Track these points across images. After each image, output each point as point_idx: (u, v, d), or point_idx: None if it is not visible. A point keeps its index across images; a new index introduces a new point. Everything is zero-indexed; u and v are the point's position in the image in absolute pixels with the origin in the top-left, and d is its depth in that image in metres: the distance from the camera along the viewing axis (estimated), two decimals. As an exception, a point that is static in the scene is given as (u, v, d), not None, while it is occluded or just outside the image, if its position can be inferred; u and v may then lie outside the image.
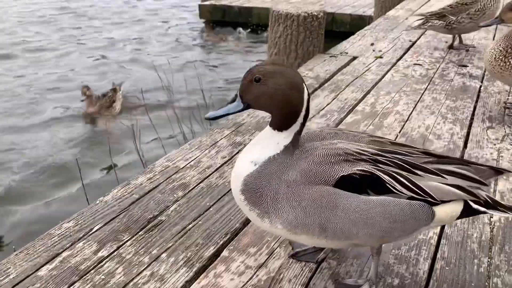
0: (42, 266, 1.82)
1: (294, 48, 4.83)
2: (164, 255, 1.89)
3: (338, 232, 1.48)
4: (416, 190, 1.46)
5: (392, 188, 1.45)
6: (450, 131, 3.06)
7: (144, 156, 4.58)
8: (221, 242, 1.97)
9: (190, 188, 2.39)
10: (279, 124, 1.50)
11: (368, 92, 3.77)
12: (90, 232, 2.02)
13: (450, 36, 5.14)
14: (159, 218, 2.13)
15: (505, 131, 3.06)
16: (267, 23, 10.44)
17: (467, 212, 1.56)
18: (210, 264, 1.85)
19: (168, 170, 2.57)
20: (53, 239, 1.98)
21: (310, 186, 1.44)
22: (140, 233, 2.02)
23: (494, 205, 1.56)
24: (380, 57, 4.74)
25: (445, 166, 1.52)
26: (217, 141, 2.93)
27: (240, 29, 10.50)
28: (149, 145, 5.44)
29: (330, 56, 4.81)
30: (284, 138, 1.50)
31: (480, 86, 3.93)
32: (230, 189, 2.32)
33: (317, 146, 1.52)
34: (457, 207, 1.54)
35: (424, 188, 1.47)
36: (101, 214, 2.15)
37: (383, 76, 4.14)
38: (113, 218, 2.12)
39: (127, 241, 1.97)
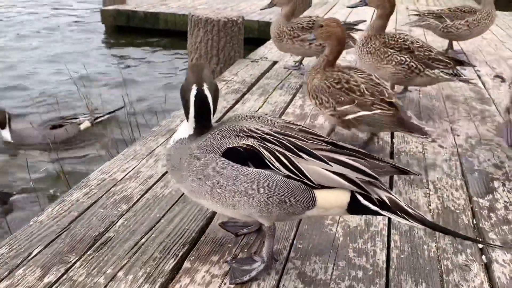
0: None
1: (216, 53, 4.80)
2: (120, 273, 1.74)
3: (223, 199, 1.64)
4: (293, 169, 1.56)
5: (270, 164, 1.57)
6: (376, 129, 3.26)
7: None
8: (181, 254, 1.87)
9: (135, 201, 2.24)
10: (185, 116, 1.74)
11: (294, 95, 3.88)
12: (29, 257, 1.80)
13: None
14: (106, 235, 1.97)
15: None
16: (175, 28, 10.39)
17: (357, 206, 1.59)
18: (173, 277, 1.75)
19: (106, 183, 2.39)
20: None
21: (202, 155, 1.64)
22: (88, 253, 1.84)
23: (393, 208, 1.57)
24: (301, 62, 4.90)
25: (337, 155, 1.59)
26: (154, 149, 2.79)
27: None
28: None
29: (252, 61, 4.87)
30: (188, 128, 1.73)
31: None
32: (180, 198, 2.26)
33: (223, 125, 1.70)
34: (342, 197, 1.58)
35: (302, 169, 1.55)
36: (38, 236, 1.93)
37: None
38: (54, 239, 1.91)
39: (75, 262, 1.78)
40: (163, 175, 2.49)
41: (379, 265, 1.86)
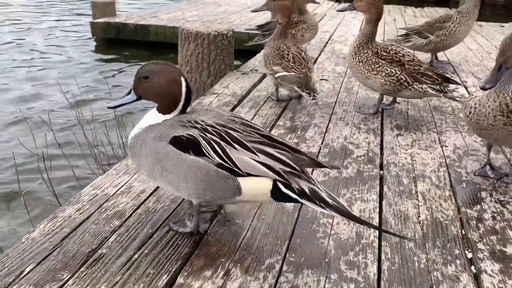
0: None
1: (207, 66, 4.84)
2: (113, 290, 1.75)
3: (170, 182, 1.91)
4: (225, 158, 1.80)
5: (205, 152, 1.82)
6: (366, 140, 3.31)
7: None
8: (174, 269, 1.88)
9: (127, 216, 2.24)
10: (163, 111, 1.97)
11: (285, 108, 3.91)
12: (22, 275, 1.79)
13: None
14: (99, 251, 1.97)
15: (412, 137, 3.40)
16: (165, 40, 10.42)
17: (279, 193, 1.84)
18: (166, 293, 1.76)
19: (98, 199, 2.39)
20: None
21: (155, 142, 1.88)
22: (81, 270, 1.84)
23: (312, 197, 1.81)
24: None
25: (266, 148, 1.83)
26: (146, 164, 2.80)
27: None
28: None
29: (242, 74, 4.92)
30: (166, 117, 1.97)
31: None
32: (172, 213, 2.27)
33: (180, 117, 1.94)
34: (265, 185, 1.83)
35: (233, 158, 1.80)
36: (31, 253, 1.92)
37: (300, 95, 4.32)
38: (46, 256, 1.91)
39: (68, 279, 1.78)
40: (155, 190, 2.50)
41: (371, 278, 1.89)
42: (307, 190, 1.82)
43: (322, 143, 3.22)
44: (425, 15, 11.84)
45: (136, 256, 1.95)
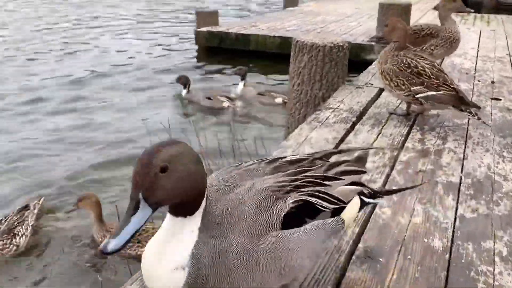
0: None
1: (319, 79, 4.64)
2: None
3: (292, 271, 1.44)
4: (334, 201, 1.53)
5: (320, 207, 1.49)
6: (514, 171, 2.88)
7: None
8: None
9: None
10: (190, 209, 1.26)
11: (411, 127, 3.59)
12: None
13: None
14: None
15: None
16: (265, 50, 10.46)
17: (362, 206, 1.69)
18: None
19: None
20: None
21: (260, 241, 1.33)
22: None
23: (374, 194, 1.74)
24: (408, 89, 4.59)
25: (337, 169, 1.61)
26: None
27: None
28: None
29: (356, 88, 4.65)
30: (196, 221, 1.28)
31: (520, 121, 3.81)
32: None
33: (238, 198, 1.37)
34: (357, 203, 1.66)
35: (338, 196, 1.55)
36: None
37: (418, 112, 3.96)
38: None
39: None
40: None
41: None
42: (371, 190, 1.74)
43: (461, 172, 2.85)
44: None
45: (274, 290, 1.78)
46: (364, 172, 1.71)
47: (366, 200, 1.70)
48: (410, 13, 8.85)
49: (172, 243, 1.25)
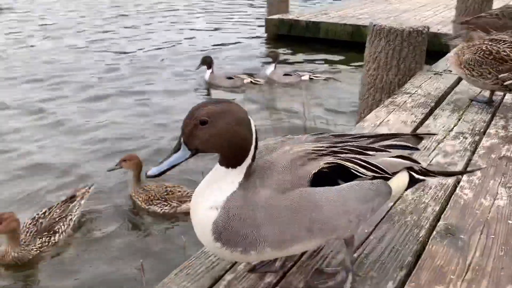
0: (208, 290, 1.67)
1: (396, 64, 4.57)
2: None
3: (323, 228, 1.48)
4: (374, 169, 1.57)
5: (356, 173, 1.53)
6: None
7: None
8: (399, 277, 1.74)
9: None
10: (232, 162, 1.42)
11: (494, 114, 3.47)
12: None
13: None
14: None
15: None
16: (335, 38, 10.36)
17: (412, 182, 1.72)
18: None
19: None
20: (209, 258, 1.82)
21: (286, 195, 1.42)
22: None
23: (426, 172, 1.77)
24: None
25: (385, 142, 1.68)
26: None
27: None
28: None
29: (434, 74, 4.54)
30: (238, 174, 1.43)
31: None
32: (385, 215, 2.13)
33: (275, 158, 1.50)
34: (405, 177, 1.69)
35: (379, 165, 1.58)
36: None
37: (503, 98, 3.81)
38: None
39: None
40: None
41: None
42: (423, 168, 1.76)
43: (552, 160, 2.74)
44: None
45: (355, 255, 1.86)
46: (416, 149, 1.73)
47: (416, 176, 1.72)
48: (493, 0, 8.39)
49: (214, 187, 1.43)
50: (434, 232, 2.02)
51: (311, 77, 8.20)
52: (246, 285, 1.70)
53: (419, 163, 1.73)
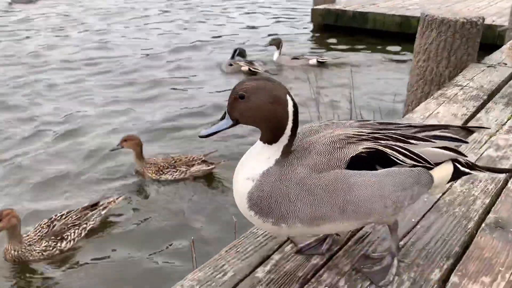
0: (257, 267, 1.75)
1: (447, 56, 4.46)
2: (384, 272, 1.72)
3: (357, 211, 1.51)
4: (415, 157, 1.56)
5: (396, 160, 1.53)
6: None
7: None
8: (446, 266, 1.75)
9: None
10: (268, 138, 1.51)
11: (551, 109, 3.34)
12: (295, 237, 1.91)
13: None
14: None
15: None
16: (383, 29, 10.15)
17: (457, 173, 1.70)
18: (441, 290, 1.65)
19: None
20: (257, 239, 1.90)
21: (321, 175, 1.47)
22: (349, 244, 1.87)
23: (473, 166, 1.75)
24: None
25: (430, 132, 1.66)
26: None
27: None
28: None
29: (488, 67, 4.39)
30: (274, 152, 1.51)
31: None
32: (433, 206, 2.13)
33: (315, 139, 1.55)
34: (449, 168, 1.68)
35: (421, 154, 1.57)
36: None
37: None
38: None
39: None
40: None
41: None
42: (469, 161, 1.73)
43: None
44: None
45: (401, 242, 1.88)
46: (464, 141, 1.68)
47: (462, 169, 1.70)
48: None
49: (253, 160, 1.53)
50: (483, 225, 2.01)
51: (318, 60, 8.53)
52: (293, 265, 1.76)
53: (466, 156, 1.70)
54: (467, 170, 1.72)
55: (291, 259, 1.80)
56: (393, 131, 1.60)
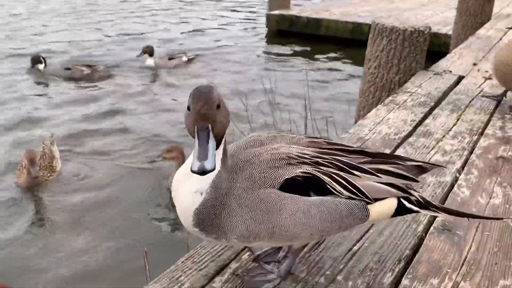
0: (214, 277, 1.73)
1: (396, 63, 4.64)
2: (339, 277, 1.75)
3: (284, 235, 1.49)
4: (353, 190, 1.52)
5: (331, 189, 1.49)
6: None
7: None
8: (397, 269, 1.81)
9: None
10: (218, 142, 1.39)
11: (491, 115, 3.54)
12: (252, 245, 1.91)
13: None
14: (318, 235, 2.00)
15: None
16: (336, 35, 10.40)
17: (401, 210, 1.63)
18: (394, 293, 1.70)
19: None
20: (214, 248, 1.89)
21: (256, 192, 1.45)
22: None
23: (426, 205, 1.66)
24: (489, 78, 4.48)
25: (380, 166, 1.59)
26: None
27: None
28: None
29: (435, 74, 4.60)
30: (219, 152, 1.42)
31: None
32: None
33: (259, 152, 1.52)
34: (391, 205, 1.61)
35: (360, 188, 1.52)
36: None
37: (500, 100, 3.88)
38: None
39: (295, 258, 1.85)
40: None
41: None
42: (420, 199, 1.66)
43: (548, 162, 2.81)
44: None
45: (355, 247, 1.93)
46: (414, 180, 1.62)
47: (408, 206, 1.63)
48: (493, 1, 8.44)
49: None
50: (432, 228, 2.10)
51: (189, 57, 9.22)
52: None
53: (412, 195, 1.63)
54: (415, 209, 1.64)
55: (249, 267, 1.80)
56: (339, 157, 1.55)
